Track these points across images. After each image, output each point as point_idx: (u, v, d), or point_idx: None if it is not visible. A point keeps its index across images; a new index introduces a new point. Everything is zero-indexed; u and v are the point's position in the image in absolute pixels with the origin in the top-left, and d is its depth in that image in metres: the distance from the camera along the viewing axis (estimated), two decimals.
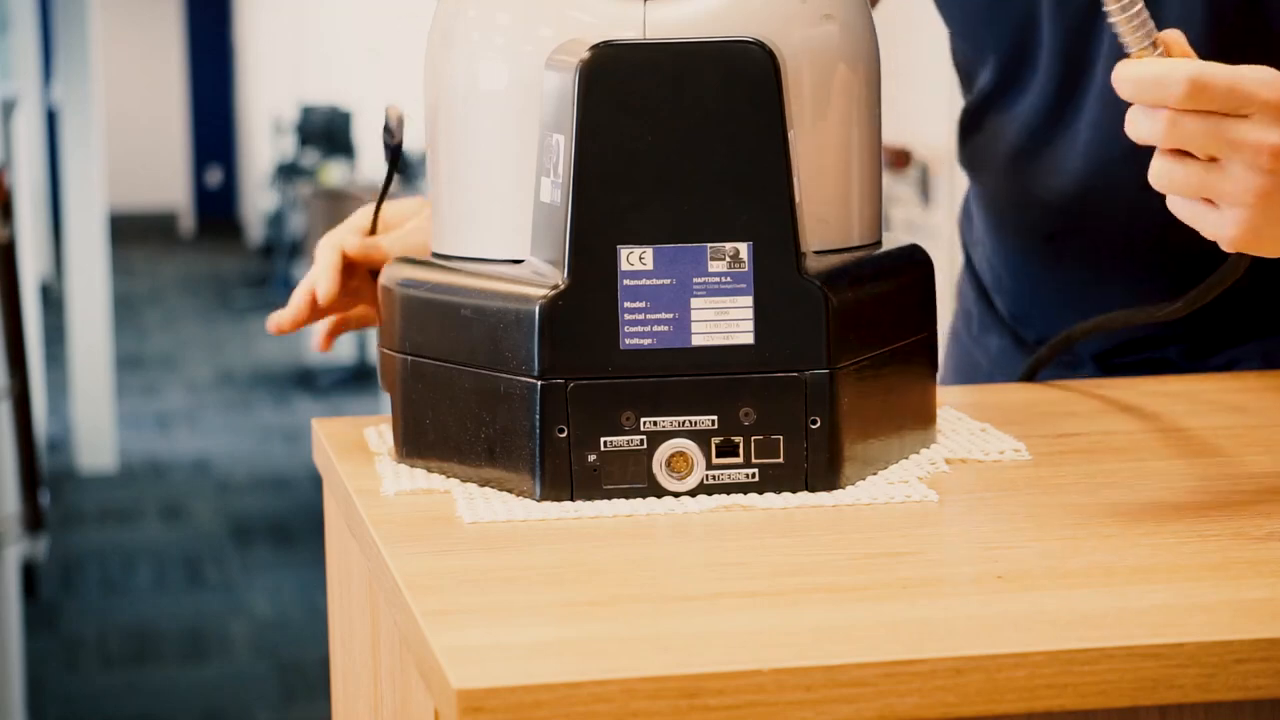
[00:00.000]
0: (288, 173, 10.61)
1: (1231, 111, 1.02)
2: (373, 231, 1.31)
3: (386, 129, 1.28)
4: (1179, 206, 1.05)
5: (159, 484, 6.80)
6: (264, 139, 12.44)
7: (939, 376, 1.24)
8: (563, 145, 1.10)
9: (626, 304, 1.10)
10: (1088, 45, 1.40)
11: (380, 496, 1.13)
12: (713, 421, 1.10)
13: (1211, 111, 1.02)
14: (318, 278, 1.29)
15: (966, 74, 1.54)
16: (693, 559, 1.01)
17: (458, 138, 1.18)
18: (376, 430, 1.27)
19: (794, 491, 1.11)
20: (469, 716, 0.81)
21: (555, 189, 1.11)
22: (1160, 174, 1.05)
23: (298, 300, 1.29)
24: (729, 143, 1.10)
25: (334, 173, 9.86)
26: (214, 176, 15.28)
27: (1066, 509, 1.09)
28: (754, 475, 1.11)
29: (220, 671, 4.79)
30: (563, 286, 1.10)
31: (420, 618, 0.90)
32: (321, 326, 1.33)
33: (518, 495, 1.11)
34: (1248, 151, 1.02)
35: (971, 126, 1.52)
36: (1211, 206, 1.04)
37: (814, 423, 1.11)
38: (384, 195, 1.31)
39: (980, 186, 1.53)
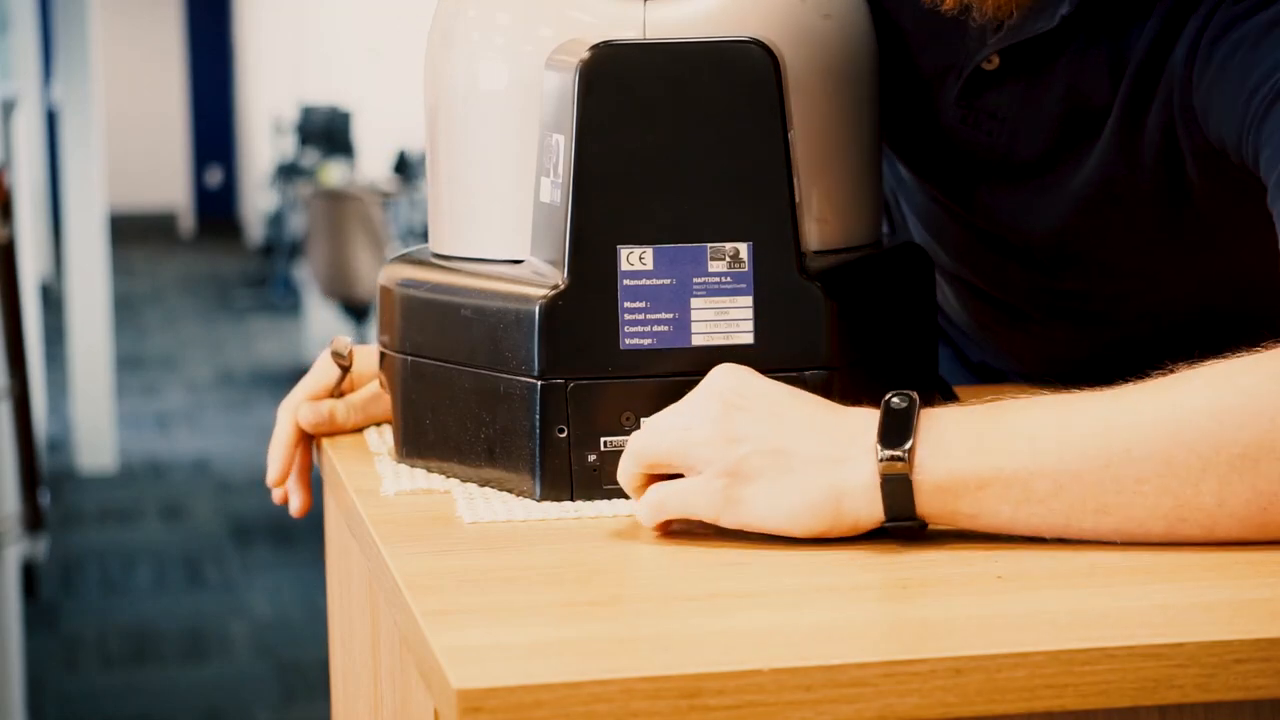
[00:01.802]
0: (288, 173, 10.61)
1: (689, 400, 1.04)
2: (337, 393, 1.28)
3: (336, 353, 1.27)
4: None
5: (159, 484, 6.80)
6: (264, 139, 12.45)
7: None
8: (563, 145, 1.10)
9: (626, 304, 1.10)
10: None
11: (380, 496, 1.13)
12: None
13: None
14: (270, 455, 1.28)
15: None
16: (693, 559, 1.01)
17: (458, 138, 1.18)
18: (376, 430, 1.27)
19: None
20: (469, 716, 0.81)
21: (555, 189, 1.11)
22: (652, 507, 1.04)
23: (272, 474, 1.29)
24: (729, 143, 1.10)
25: (334, 173, 9.86)
26: (214, 176, 15.29)
27: None
28: None
29: (220, 671, 4.79)
30: (563, 286, 1.10)
31: (420, 618, 0.90)
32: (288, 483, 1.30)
33: (518, 495, 1.11)
34: (702, 407, 1.03)
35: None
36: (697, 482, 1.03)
37: None
38: (335, 391, 1.28)
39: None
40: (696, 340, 1.10)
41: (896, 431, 1.00)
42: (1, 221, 3.91)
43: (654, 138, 1.10)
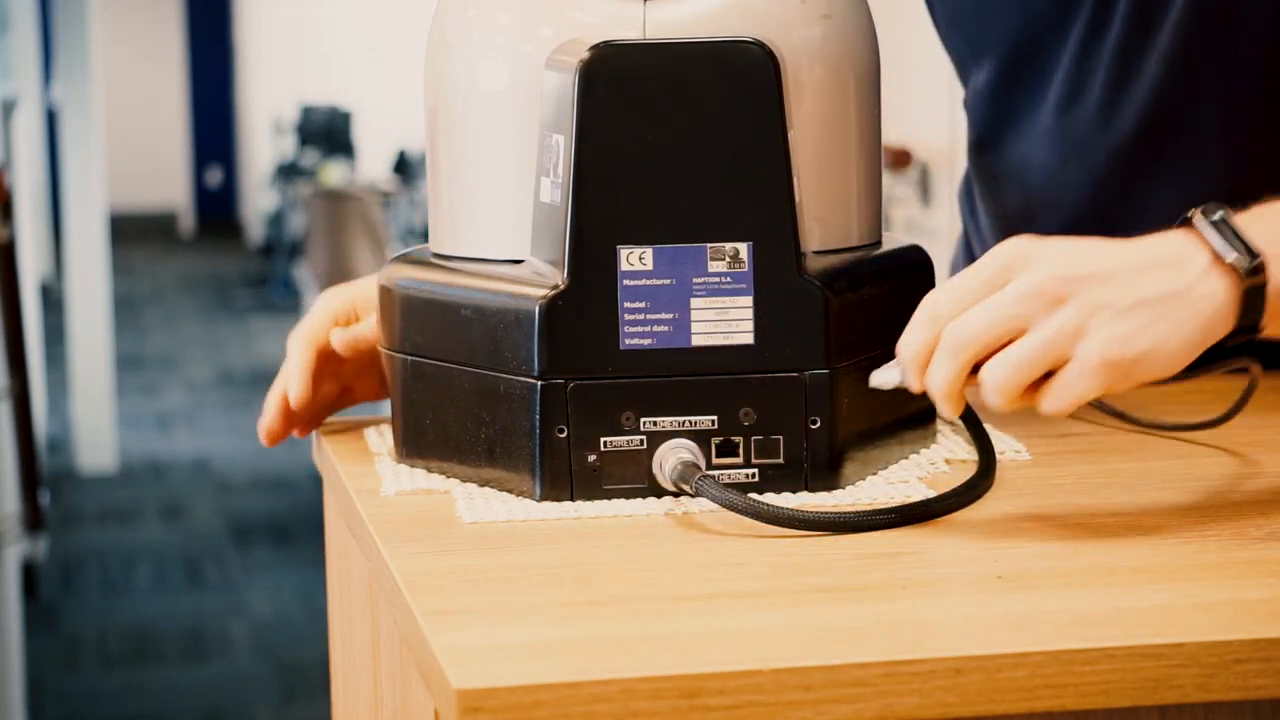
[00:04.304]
0: (288, 173, 10.61)
1: (990, 287, 1.03)
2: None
3: None
4: (1053, 399, 1.03)
5: (159, 484, 6.80)
6: (264, 139, 12.45)
7: None
8: (563, 145, 1.10)
9: (626, 304, 1.10)
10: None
11: (380, 496, 1.13)
12: (713, 421, 1.11)
13: (973, 303, 1.03)
14: (289, 381, 1.24)
15: (962, 69, 1.54)
16: (693, 559, 1.01)
17: (458, 138, 1.18)
18: (376, 430, 1.27)
19: (794, 491, 1.11)
20: (469, 716, 0.81)
21: (555, 189, 1.11)
22: (992, 377, 1.02)
23: (273, 408, 1.24)
24: (729, 143, 1.10)
25: (334, 173, 9.86)
26: (214, 176, 15.29)
27: (1066, 509, 1.09)
28: (754, 475, 1.11)
29: (220, 671, 4.79)
30: (563, 286, 1.10)
31: (420, 618, 0.90)
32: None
33: (518, 495, 1.11)
34: (1038, 300, 1.02)
35: (987, 140, 1.51)
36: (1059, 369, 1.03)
37: (814, 423, 1.11)
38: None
39: (993, 199, 1.52)
40: (696, 340, 1.10)
41: (1239, 245, 1.04)
42: (1, 221, 3.91)
43: (654, 138, 1.10)
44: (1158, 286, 1.02)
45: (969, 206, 1.59)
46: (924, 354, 1.05)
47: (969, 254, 1.59)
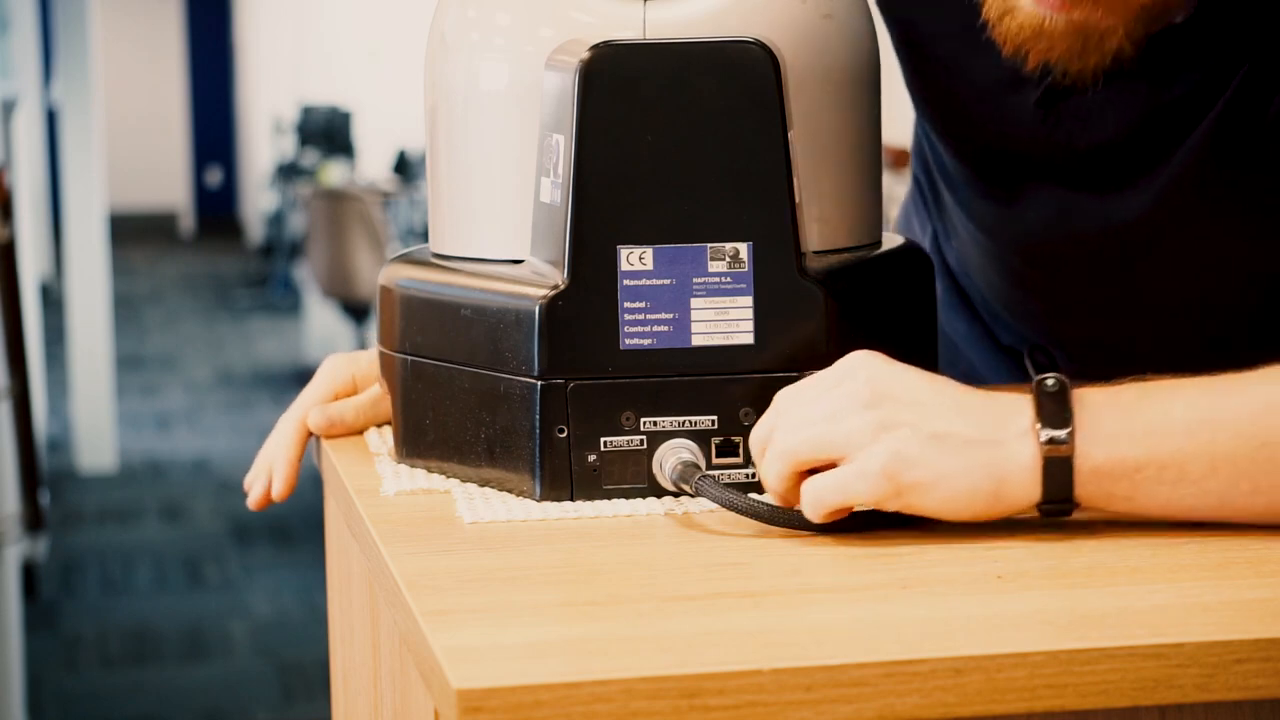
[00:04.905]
0: (288, 173, 10.61)
1: (830, 385, 1.04)
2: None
3: None
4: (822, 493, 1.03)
5: (159, 484, 6.80)
6: (264, 139, 12.45)
7: None
8: (563, 145, 1.10)
9: (626, 304, 1.10)
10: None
11: (380, 496, 1.13)
12: (713, 421, 1.11)
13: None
14: (275, 474, 1.25)
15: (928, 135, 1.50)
16: (693, 559, 1.01)
17: (458, 138, 1.18)
18: (377, 430, 1.27)
19: None
20: (469, 716, 0.81)
21: (555, 189, 1.11)
22: (778, 439, 1.04)
23: (259, 486, 1.25)
24: (729, 143, 1.10)
25: (334, 173, 9.86)
26: (214, 176, 15.29)
27: None
28: (754, 475, 1.11)
29: (220, 671, 4.79)
30: (563, 286, 1.10)
31: (420, 618, 0.90)
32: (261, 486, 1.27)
33: (518, 495, 1.11)
34: (851, 401, 1.03)
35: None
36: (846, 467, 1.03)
37: None
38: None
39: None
40: (696, 340, 1.10)
41: (1055, 414, 1.01)
42: (1, 221, 3.91)
43: (654, 138, 1.10)
44: (962, 429, 1.01)
45: (934, 195, 1.55)
46: (763, 441, 1.06)
47: (935, 247, 1.56)
